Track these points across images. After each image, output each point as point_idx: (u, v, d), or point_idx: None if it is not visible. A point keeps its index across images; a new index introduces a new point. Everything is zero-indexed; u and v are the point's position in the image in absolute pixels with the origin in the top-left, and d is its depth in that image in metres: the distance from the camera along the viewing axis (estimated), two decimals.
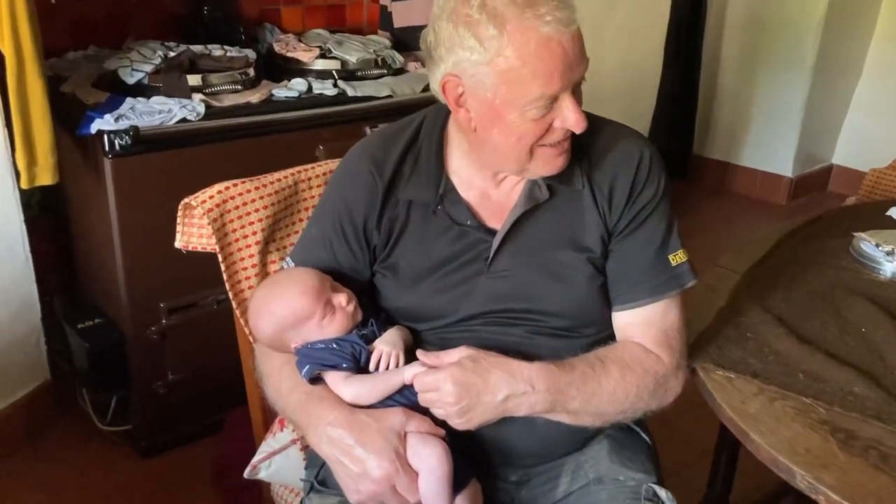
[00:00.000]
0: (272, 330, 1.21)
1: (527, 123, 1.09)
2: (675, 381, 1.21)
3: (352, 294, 1.22)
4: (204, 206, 1.35)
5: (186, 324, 2.14)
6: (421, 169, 1.23)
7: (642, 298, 1.20)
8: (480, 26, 1.04)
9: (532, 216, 1.21)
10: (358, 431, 1.11)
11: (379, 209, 1.24)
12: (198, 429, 2.24)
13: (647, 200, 1.20)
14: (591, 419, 1.19)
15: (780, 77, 4.12)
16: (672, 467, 2.19)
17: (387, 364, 1.17)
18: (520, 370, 1.13)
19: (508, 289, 1.20)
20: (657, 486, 1.23)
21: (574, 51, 1.05)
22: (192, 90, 2.08)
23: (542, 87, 1.05)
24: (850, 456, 1.09)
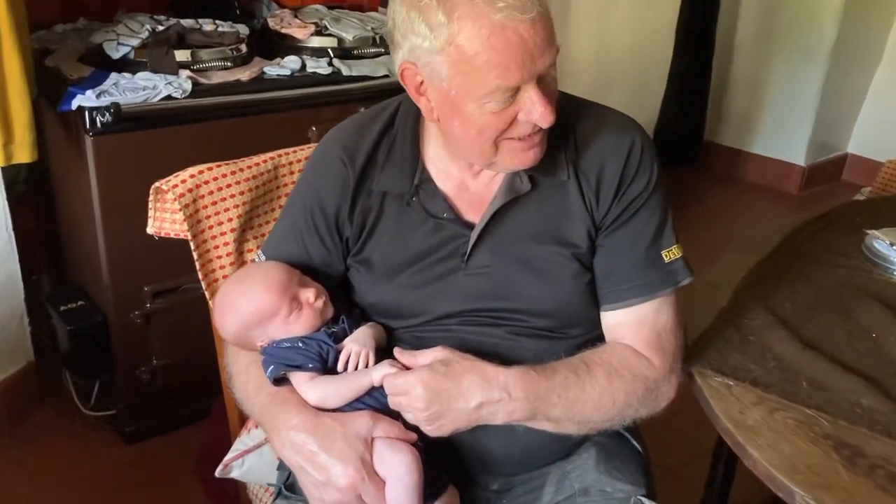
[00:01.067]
0: (237, 328, 1.15)
1: (486, 116, 1.01)
2: (667, 386, 1.14)
3: (321, 289, 1.16)
4: (175, 191, 1.28)
5: (171, 308, 2.09)
6: (395, 158, 1.16)
7: (632, 298, 1.13)
8: (430, 11, 0.96)
9: (513, 209, 1.14)
10: (322, 437, 1.04)
11: (351, 200, 1.17)
12: (183, 415, 2.19)
13: (637, 192, 1.13)
14: (576, 427, 1.12)
15: (796, 63, 4.01)
16: (672, 466, 2.14)
17: (356, 364, 1.11)
18: (495, 375, 1.06)
19: (487, 287, 1.14)
20: (646, 498, 1.16)
21: (535, 39, 0.96)
22: (180, 66, 2.00)
23: (498, 78, 0.97)
24: (854, 475, 1.02)
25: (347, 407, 1.09)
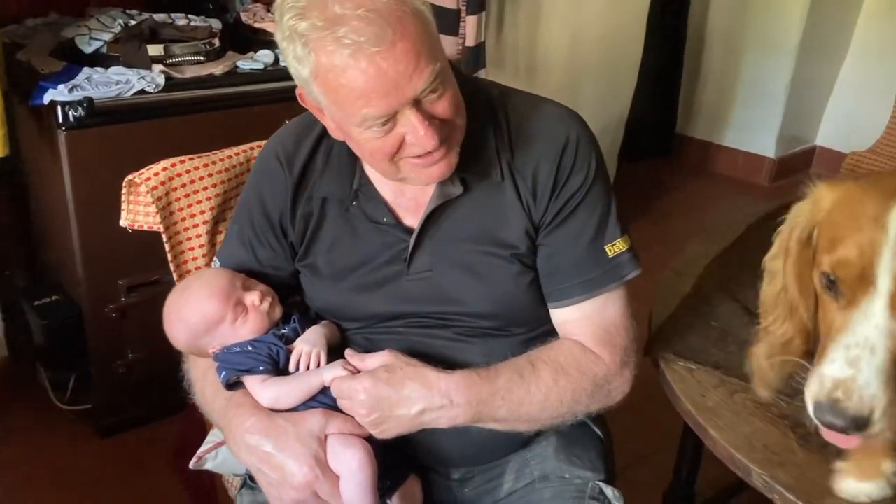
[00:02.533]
0: (186, 337, 1.17)
1: (372, 141, 1.00)
2: (619, 380, 1.14)
3: (267, 291, 1.18)
4: (148, 184, 1.30)
5: (147, 301, 2.08)
6: (334, 163, 1.17)
7: (576, 295, 1.13)
8: (295, 44, 0.96)
9: (449, 212, 1.13)
10: (275, 437, 1.06)
11: (291, 205, 1.18)
12: (160, 408, 2.19)
13: (575, 188, 1.11)
14: (525, 426, 1.14)
15: (765, 57, 4.07)
16: (643, 453, 2.18)
17: (307, 364, 1.13)
18: (437, 382, 1.07)
19: (430, 291, 1.14)
20: (604, 483, 1.18)
21: (397, 67, 0.93)
22: (153, 61, 2.01)
23: (364, 107, 0.96)
24: (808, 452, 1.05)
25: (302, 406, 1.11)
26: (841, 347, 0.72)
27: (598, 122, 3.27)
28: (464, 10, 2.45)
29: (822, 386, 0.72)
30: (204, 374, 1.19)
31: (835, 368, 0.72)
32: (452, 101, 1.01)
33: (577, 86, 3.10)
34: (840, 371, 0.71)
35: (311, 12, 0.93)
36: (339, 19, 0.92)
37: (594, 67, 3.15)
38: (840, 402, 0.70)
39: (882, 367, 0.70)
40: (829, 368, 0.72)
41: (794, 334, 0.86)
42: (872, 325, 0.71)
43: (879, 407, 0.70)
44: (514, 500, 1.20)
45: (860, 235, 0.73)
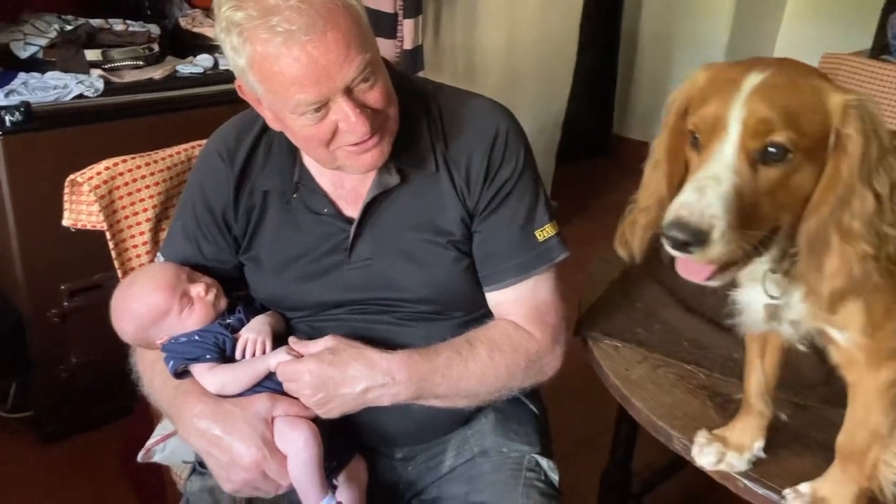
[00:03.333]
0: (133, 329, 1.20)
1: (307, 128, 1.05)
2: (551, 356, 1.21)
3: (212, 283, 1.22)
4: (91, 183, 1.32)
5: (90, 305, 2.08)
6: (274, 157, 1.21)
7: (510, 278, 1.19)
8: (231, 34, 1.01)
9: (388, 202, 1.18)
10: (223, 421, 1.10)
11: (234, 199, 1.22)
12: (106, 412, 2.19)
13: (506, 177, 1.17)
14: (464, 401, 1.19)
15: (696, 58, 4.21)
16: (587, 435, 2.26)
17: (252, 351, 1.17)
18: (379, 361, 1.12)
19: (371, 278, 1.19)
20: (539, 456, 1.25)
21: (328, 56, 0.98)
22: (91, 65, 2.02)
23: (297, 93, 1.00)
24: (724, 418, 1.13)
25: (249, 391, 1.15)
26: (692, 182, 0.80)
27: (536, 122, 3.36)
28: (401, 14, 2.51)
29: (671, 211, 0.78)
30: (152, 365, 1.22)
31: (683, 195, 0.78)
32: (384, 91, 1.06)
33: (514, 87, 3.18)
34: (687, 196, 0.78)
35: (247, 3, 0.98)
36: (272, 10, 0.97)
37: (530, 69, 3.24)
38: (683, 218, 0.77)
39: (725, 196, 0.77)
40: (679, 197, 0.79)
41: (655, 202, 0.93)
42: (721, 163, 0.79)
43: (719, 227, 0.76)
44: (455, 476, 1.25)
45: (719, 94, 0.82)
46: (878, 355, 0.90)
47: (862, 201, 0.79)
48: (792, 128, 0.78)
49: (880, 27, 3.37)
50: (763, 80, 0.80)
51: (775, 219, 0.82)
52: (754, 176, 0.79)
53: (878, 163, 0.79)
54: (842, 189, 0.79)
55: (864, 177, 0.79)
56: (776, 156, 0.79)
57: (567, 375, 1.52)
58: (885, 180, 0.79)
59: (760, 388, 1.06)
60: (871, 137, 0.79)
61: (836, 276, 0.81)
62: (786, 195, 0.81)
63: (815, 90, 0.81)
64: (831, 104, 0.80)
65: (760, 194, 0.79)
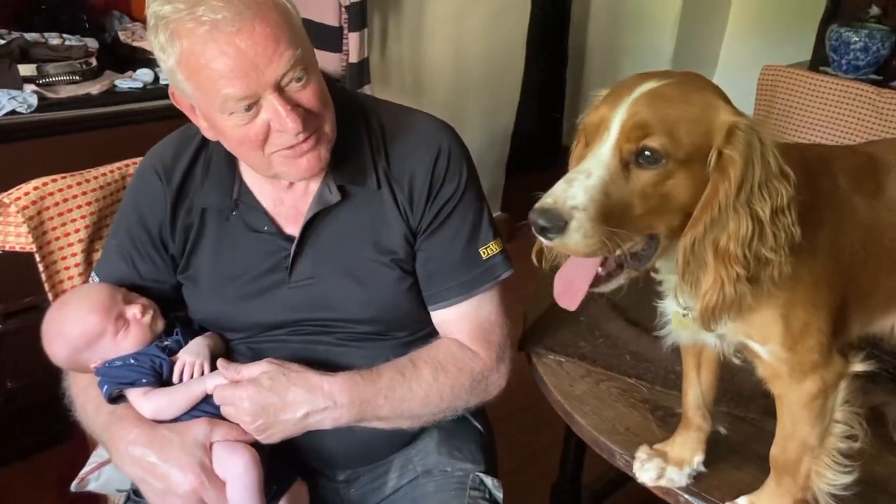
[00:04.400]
0: (66, 353, 1.17)
1: (238, 129, 1.02)
2: (496, 375, 1.20)
3: (148, 304, 1.18)
4: (18, 204, 1.27)
5: (26, 328, 2.00)
6: (213, 174, 1.18)
7: (454, 297, 1.18)
8: (159, 31, 0.99)
9: (329, 219, 1.16)
10: (159, 448, 1.07)
11: (171, 217, 1.19)
12: (43, 439, 2.12)
13: (448, 196, 1.16)
14: (408, 423, 1.18)
15: (642, 69, 4.20)
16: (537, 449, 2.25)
17: (190, 374, 1.14)
18: (320, 385, 1.10)
19: (312, 298, 1.17)
20: (484, 474, 1.23)
21: (255, 48, 0.96)
22: (25, 81, 1.97)
23: (225, 87, 0.97)
24: (666, 432, 1.14)
25: (185, 416, 1.12)
26: (566, 175, 0.82)
27: (484, 136, 3.36)
28: (346, 27, 2.49)
29: (540, 201, 0.80)
30: (85, 389, 1.18)
31: (554, 188, 0.80)
32: (317, 91, 1.04)
33: (462, 100, 3.18)
34: (556, 187, 0.80)
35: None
36: (199, 1, 0.95)
37: (478, 82, 3.24)
38: (546, 205, 0.78)
39: (591, 189, 0.79)
40: (550, 189, 0.81)
41: None
42: (596, 160, 0.81)
43: (578, 217, 0.78)
44: (399, 497, 1.24)
45: (610, 100, 0.84)
46: (800, 369, 0.92)
47: (737, 224, 0.80)
48: (668, 135, 0.80)
49: (819, 40, 3.46)
50: (653, 88, 0.82)
51: (649, 225, 0.83)
52: (626, 176, 0.81)
53: (761, 187, 0.80)
54: (717, 210, 0.81)
55: (743, 200, 0.80)
56: (650, 159, 0.80)
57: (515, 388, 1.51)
58: (766, 205, 0.80)
59: (698, 402, 1.07)
60: (754, 162, 0.80)
61: (709, 294, 0.82)
62: (659, 202, 0.82)
63: (706, 105, 0.82)
64: (718, 122, 0.81)
65: (632, 195, 0.81)
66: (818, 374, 0.92)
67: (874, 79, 3.10)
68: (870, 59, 3.15)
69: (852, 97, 2.68)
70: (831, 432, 0.94)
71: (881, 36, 3.13)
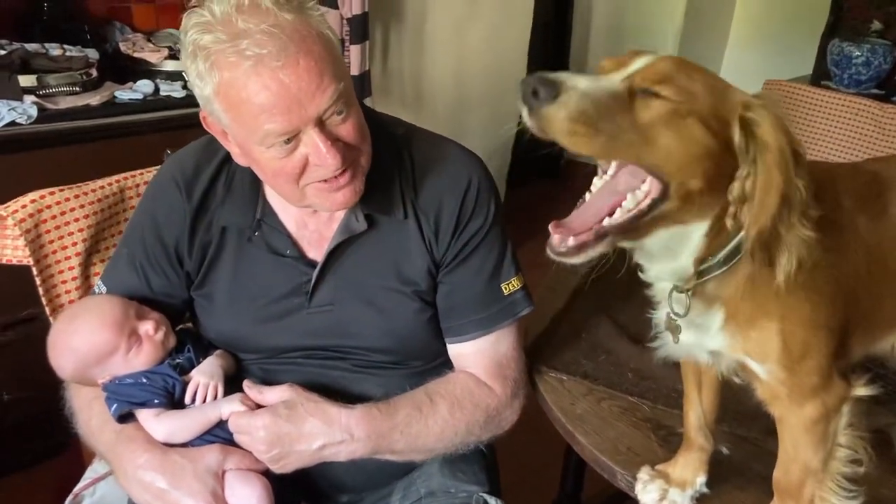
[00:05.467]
0: (74, 367, 1.14)
1: (274, 161, 1.00)
2: (509, 411, 1.20)
3: (161, 319, 1.16)
4: (16, 217, 1.27)
5: (23, 339, 2.00)
6: (236, 191, 1.15)
7: (473, 331, 1.17)
8: (197, 60, 0.96)
9: (353, 247, 1.14)
10: (171, 474, 1.05)
11: (189, 232, 1.16)
12: (38, 452, 2.10)
13: (475, 230, 1.15)
14: (420, 456, 1.17)
15: None
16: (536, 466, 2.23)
17: (203, 397, 1.12)
18: (338, 418, 1.09)
19: (330, 325, 1.15)
20: (488, 495, 1.22)
21: (299, 84, 0.94)
22: (25, 91, 1.96)
23: (266, 123, 0.95)
24: (668, 452, 1.13)
25: (198, 440, 1.09)
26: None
27: (486, 148, 3.36)
28: (347, 40, 2.49)
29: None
30: (89, 403, 1.15)
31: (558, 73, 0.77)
32: (357, 125, 1.02)
33: (463, 113, 3.18)
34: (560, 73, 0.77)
35: (216, 27, 0.94)
36: (242, 33, 0.93)
37: (479, 95, 3.25)
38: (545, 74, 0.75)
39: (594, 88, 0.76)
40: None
41: None
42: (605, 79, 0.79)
43: (570, 94, 0.74)
44: None
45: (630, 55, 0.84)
46: (800, 392, 0.90)
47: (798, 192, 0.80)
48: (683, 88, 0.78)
49: (820, 55, 3.46)
50: (671, 55, 0.83)
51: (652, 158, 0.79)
52: (630, 102, 0.78)
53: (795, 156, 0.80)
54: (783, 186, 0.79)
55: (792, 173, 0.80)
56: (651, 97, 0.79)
57: None
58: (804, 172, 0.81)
59: (700, 423, 1.05)
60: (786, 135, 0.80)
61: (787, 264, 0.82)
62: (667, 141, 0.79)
63: (721, 79, 0.83)
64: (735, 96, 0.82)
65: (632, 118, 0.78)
66: (819, 398, 0.90)
67: (876, 93, 3.10)
68: (871, 74, 3.15)
69: (854, 112, 2.68)
70: (835, 457, 0.92)
71: (883, 50, 3.14)
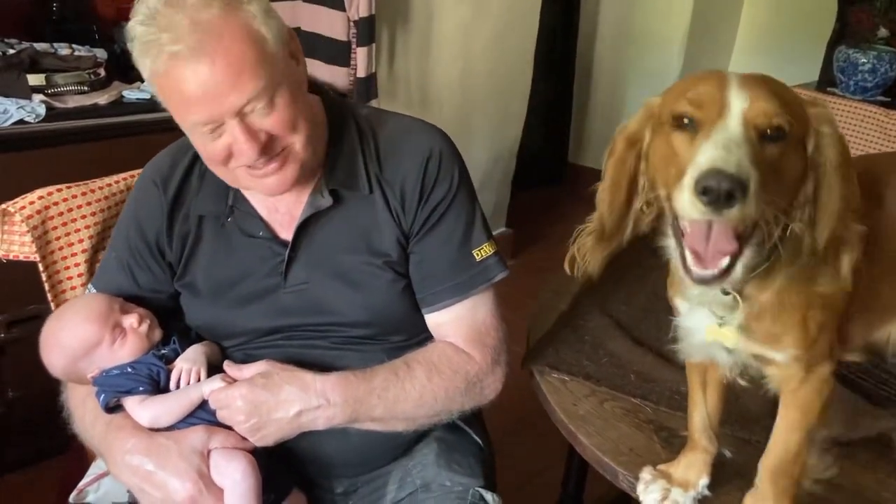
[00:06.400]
0: (63, 362, 1.17)
1: (203, 145, 1.06)
2: (491, 377, 1.20)
3: (145, 313, 1.19)
4: (23, 213, 1.28)
5: (27, 337, 1.97)
6: (209, 180, 1.19)
7: (448, 299, 1.18)
8: (133, 46, 1.01)
9: (322, 224, 1.17)
10: (157, 456, 1.07)
11: (168, 225, 1.20)
12: (44, 448, 2.10)
13: (440, 198, 1.17)
14: (403, 424, 1.18)
15: (649, 89, 4.26)
16: (536, 469, 2.24)
17: (187, 381, 1.14)
18: (313, 383, 1.11)
19: (307, 303, 1.18)
20: (484, 489, 1.22)
21: (216, 78, 0.97)
22: (33, 90, 1.97)
23: (189, 112, 1.01)
24: (670, 454, 1.13)
25: (183, 423, 1.12)
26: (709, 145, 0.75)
27: (491, 152, 3.37)
28: (354, 42, 2.50)
29: (698, 167, 0.74)
30: (83, 401, 1.18)
31: (708, 152, 0.74)
32: (285, 118, 1.04)
33: (469, 116, 3.18)
34: (714, 150, 0.74)
35: (151, 19, 0.98)
36: (166, 27, 0.97)
37: (485, 99, 3.25)
38: (720, 167, 0.72)
39: (749, 156, 0.74)
40: (702, 157, 0.75)
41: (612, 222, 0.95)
42: (730, 133, 0.77)
43: (753, 179, 0.73)
44: None
45: (707, 79, 0.82)
46: (811, 361, 0.94)
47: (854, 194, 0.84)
48: (787, 114, 0.79)
49: (826, 61, 3.46)
50: (746, 74, 0.82)
51: (774, 203, 0.79)
52: (761, 150, 0.77)
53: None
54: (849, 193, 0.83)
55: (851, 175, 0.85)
56: (775, 137, 0.78)
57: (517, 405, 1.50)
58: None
59: (704, 424, 1.06)
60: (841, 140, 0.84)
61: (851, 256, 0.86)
62: (780, 179, 0.80)
63: (793, 92, 0.84)
64: (809, 108, 0.84)
65: (766, 170, 0.76)
66: (828, 361, 0.94)
67: (882, 100, 3.10)
68: (878, 81, 3.15)
69: (860, 118, 2.68)
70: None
71: (889, 58, 3.13)
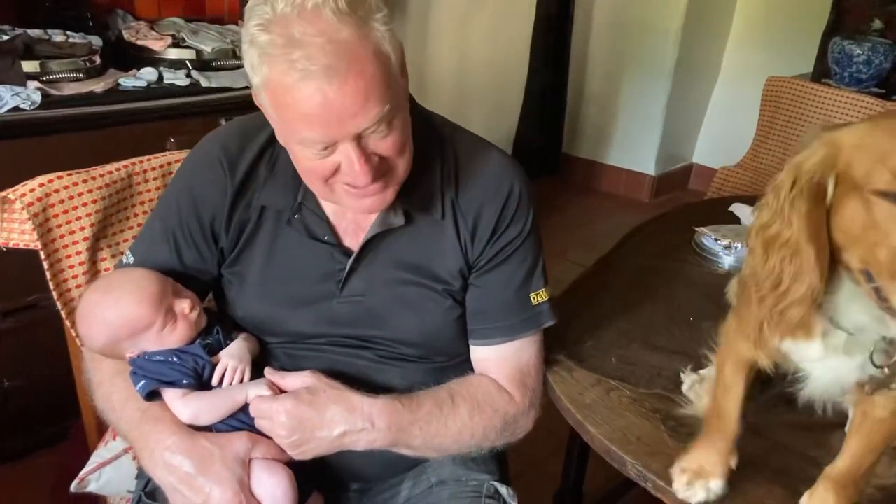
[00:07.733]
0: (105, 341, 1.11)
1: (308, 160, 1.00)
2: (525, 419, 1.20)
3: (196, 299, 1.15)
4: (24, 200, 1.25)
5: (24, 327, 2.00)
6: (279, 173, 1.14)
7: (498, 337, 1.18)
8: (252, 50, 0.95)
9: (389, 240, 1.14)
10: (199, 459, 1.04)
11: (228, 209, 1.15)
12: (39, 439, 2.09)
13: (512, 237, 1.15)
14: (433, 454, 1.18)
15: (643, 79, 4.28)
16: (538, 459, 2.24)
17: (231, 380, 1.11)
18: (360, 406, 1.09)
19: (360, 315, 1.15)
20: (499, 483, 1.22)
21: (343, 101, 0.93)
22: (28, 77, 1.94)
23: (305, 130, 0.96)
24: (677, 442, 1.13)
25: (220, 424, 1.09)
26: None
27: None
28: None
29: None
30: (111, 378, 1.13)
31: None
32: (397, 142, 1.01)
33: (465, 106, 3.18)
34: None
35: (275, 28, 0.92)
36: (297, 43, 0.91)
37: (481, 88, 3.25)
38: None
39: None
40: None
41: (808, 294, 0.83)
42: None
43: None
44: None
45: None
46: None
47: None
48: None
49: (821, 53, 3.47)
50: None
51: None
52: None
53: None
54: None
55: None
56: None
57: None
58: None
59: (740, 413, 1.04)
60: None
61: None
62: None
63: None
64: None
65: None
66: None
67: (876, 92, 3.11)
68: (872, 73, 3.16)
69: (857, 109, 2.68)
70: None
71: (884, 49, 3.14)
